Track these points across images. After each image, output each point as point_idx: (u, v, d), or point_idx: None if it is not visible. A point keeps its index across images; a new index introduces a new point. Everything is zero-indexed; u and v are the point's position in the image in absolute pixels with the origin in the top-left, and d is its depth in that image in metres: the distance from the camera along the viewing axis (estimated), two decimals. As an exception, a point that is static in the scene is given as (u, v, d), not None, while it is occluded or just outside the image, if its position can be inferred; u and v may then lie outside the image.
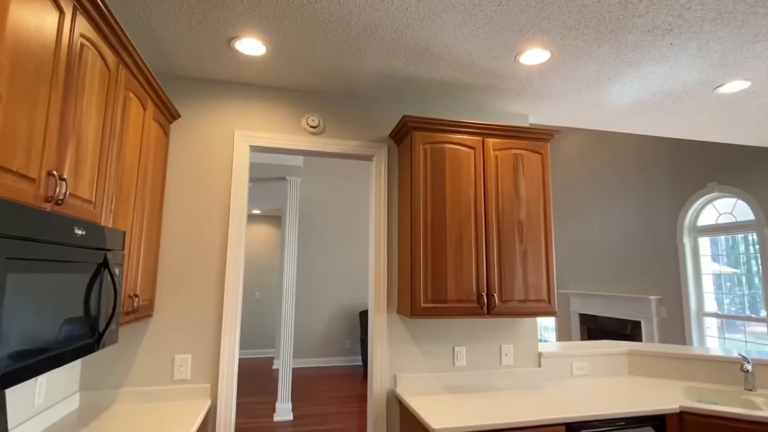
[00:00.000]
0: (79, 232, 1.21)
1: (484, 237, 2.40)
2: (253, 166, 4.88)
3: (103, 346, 1.40)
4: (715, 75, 2.35)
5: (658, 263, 5.11)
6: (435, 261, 2.30)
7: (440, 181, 2.38)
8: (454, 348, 2.60)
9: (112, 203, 1.62)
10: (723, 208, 4.57)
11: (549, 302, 2.45)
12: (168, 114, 2.27)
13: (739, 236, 4.41)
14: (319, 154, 2.64)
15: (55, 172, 1.19)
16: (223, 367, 2.27)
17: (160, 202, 2.26)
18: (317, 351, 7.30)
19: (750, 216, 4.23)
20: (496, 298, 2.36)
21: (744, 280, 4.37)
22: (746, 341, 4.30)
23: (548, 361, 2.72)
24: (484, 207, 2.43)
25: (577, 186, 6.62)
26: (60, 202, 1.21)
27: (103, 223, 1.51)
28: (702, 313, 4.67)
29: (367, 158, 2.70)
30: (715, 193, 4.50)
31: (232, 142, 2.46)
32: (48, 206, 1.16)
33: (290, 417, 4.57)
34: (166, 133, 2.31)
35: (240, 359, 7.65)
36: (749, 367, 2.42)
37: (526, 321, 2.73)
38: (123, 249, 1.56)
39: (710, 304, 4.66)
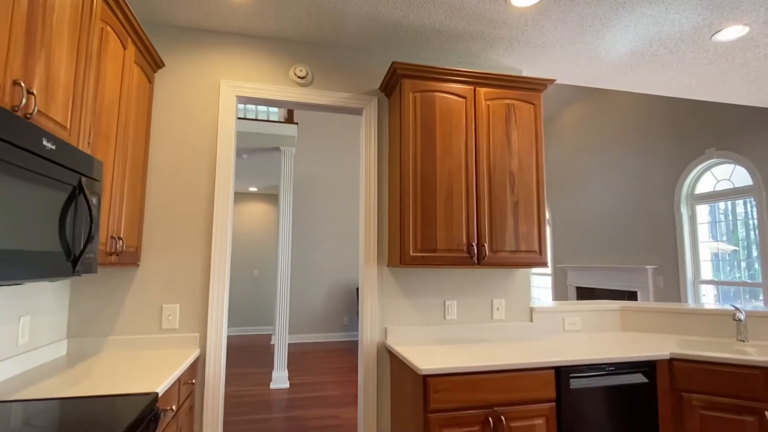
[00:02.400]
0: (48, 145, 1.18)
1: (474, 187, 2.37)
2: (246, 136, 4.83)
3: (81, 272, 1.38)
4: (712, 18, 2.28)
5: (656, 233, 5.08)
6: (425, 210, 2.27)
7: (430, 131, 2.34)
8: (445, 302, 2.59)
9: (89, 136, 1.59)
10: (721, 174, 4.52)
11: (540, 253, 2.43)
12: (151, 60, 2.22)
13: (738, 202, 4.37)
14: (308, 107, 2.60)
15: (21, 83, 1.15)
16: (211, 317, 2.26)
17: (145, 150, 2.22)
18: (315, 327, 7.34)
19: (748, 181, 4.18)
20: (486, 248, 2.34)
21: (741, 246, 4.34)
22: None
23: (540, 316, 2.71)
24: (475, 157, 2.39)
25: (577, 158, 6.56)
26: (28, 116, 1.18)
27: (79, 152, 1.48)
28: (698, 281, 4.66)
29: (357, 111, 2.66)
30: (714, 159, 4.45)
31: (218, 93, 2.41)
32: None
33: (286, 385, 4.60)
34: (150, 80, 2.26)
35: (239, 336, 7.69)
36: (741, 316, 2.40)
37: (518, 276, 2.71)
38: (101, 180, 1.53)
39: (706, 272, 4.65)
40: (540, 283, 7.57)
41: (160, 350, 2.16)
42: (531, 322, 2.69)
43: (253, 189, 7.88)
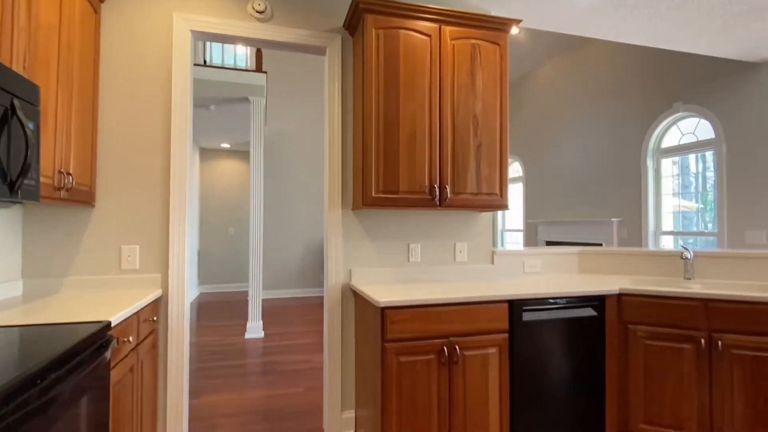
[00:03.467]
0: (-32, 56, 1.11)
1: (438, 129, 2.36)
2: (212, 85, 4.65)
3: (21, 199, 1.34)
4: (678, -44, 2.25)
5: (623, 187, 5.21)
6: (387, 151, 2.26)
7: (394, 70, 2.29)
8: (408, 245, 2.63)
9: (24, 60, 1.50)
10: (686, 128, 4.61)
11: (501, 196, 2.47)
12: (95, -13, 2.08)
13: (698, 155, 4.50)
14: (267, 44, 2.50)
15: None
16: (173, 258, 2.25)
17: (94, 85, 2.12)
18: (293, 282, 7.42)
19: (711, 134, 4.28)
20: (448, 190, 2.36)
21: (700, 199, 4.50)
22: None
23: (501, 259, 2.80)
24: (439, 99, 2.36)
25: (551, 115, 6.58)
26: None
27: (11, 74, 1.40)
28: (659, 233, 4.85)
29: (320, 51, 2.58)
30: (680, 113, 4.53)
31: (171, 26, 2.29)
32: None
33: (261, 335, 4.69)
34: (96, 10, 2.13)
35: (216, 293, 7.73)
36: (689, 255, 2.53)
37: (481, 219, 2.76)
38: (38, 105, 1.46)
39: (668, 224, 4.83)
40: (512, 239, 7.76)
41: (120, 290, 2.15)
42: (492, 264, 2.77)
43: (225, 145, 7.69)
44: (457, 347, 2.02)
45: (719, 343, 2.09)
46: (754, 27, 3.15)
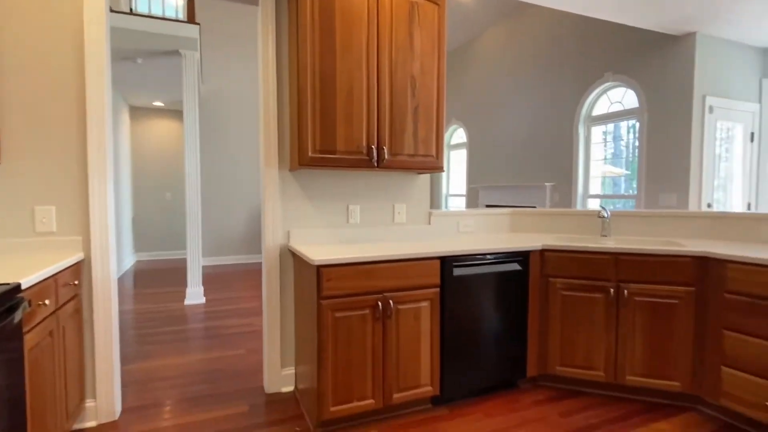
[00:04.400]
0: None
1: (376, 88, 2.34)
2: (139, 36, 4.27)
3: None
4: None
5: (557, 153, 5.49)
6: (324, 109, 2.22)
7: (330, 26, 2.22)
8: (348, 206, 2.65)
9: None
10: (615, 97, 4.89)
11: (437, 158, 2.52)
12: None
13: (624, 124, 4.81)
14: (195, -9, 2.32)
15: None
16: (94, 219, 2.12)
17: (-11, 26, 1.88)
18: (236, 248, 7.26)
19: (636, 104, 4.58)
20: (386, 151, 2.38)
21: (624, 164, 4.86)
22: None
23: (437, 219, 2.89)
24: (377, 57, 2.33)
25: (493, 82, 6.70)
26: None
27: None
28: (587, 196, 5.20)
29: (252, 0, 2.43)
30: (610, 83, 4.79)
31: (81, -37, 2.06)
32: None
33: (202, 300, 4.60)
34: (-15, -63, 1.86)
35: (154, 260, 7.40)
36: (606, 214, 2.75)
37: (418, 181, 2.83)
38: None
39: (596, 188, 5.19)
40: (455, 204, 8.01)
41: (36, 254, 2.01)
42: (429, 225, 2.86)
43: (158, 104, 7.17)
44: (391, 302, 2.10)
45: (625, 291, 2.32)
46: (678, 0, 3.35)
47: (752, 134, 4.46)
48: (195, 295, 4.56)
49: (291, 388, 2.55)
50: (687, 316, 2.24)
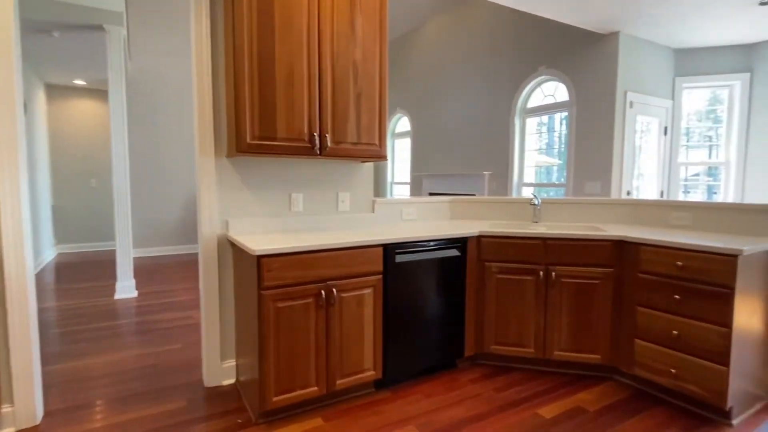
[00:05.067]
0: None
1: (317, 75, 2.30)
2: (55, 6, 3.87)
3: None
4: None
5: (495, 142, 5.72)
6: (263, 94, 2.16)
7: (268, 7, 2.14)
8: (290, 194, 2.60)
9: None
10: (548, 90, 5.17)
11: (380, 146, 2.54)
12: None
13: (556, 116, 5.11)
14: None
15: None
16: (5, 209, 1.92)
17: None
18: (172, 239, 6.89)
19: (566, 97, 4.87)
20: (328, 138, 2.36)
21: (557, 154, 5.17)
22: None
23: (381, 207, 2.93)
24: (318, 43, 2.29)
25: (436, 71, 6.82)
26: None
27: None
28: (522, 184, 5.48)
29: (184, -24, 2.28)
30: (543, 77, 5.04)
31: None
32: None
33: (134, 294, 4.34)
34: None
35: (78, 252, 6.86)
36: (537, 202, 2.93)
37: (362, 170, 2.84)
38: None
39: (530, 177, 5.47)
40: (400, 191, 8.12)
41: (-67, 249, 1.80)
42: (373, 213, 2.89)
43: (80, 82, 6.56)
44: (334, 290, 2.11)
45: (553, 273, 2.50)
46: (604, 1, 3.57)
47: (665, 128, 4.91)
48: (126, 288, 4.30)
49: (232, 381, 2.50)
50: (606, 294, 2.45)
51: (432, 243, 2.45)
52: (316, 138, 2.32)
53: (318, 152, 2.34)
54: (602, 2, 3.60)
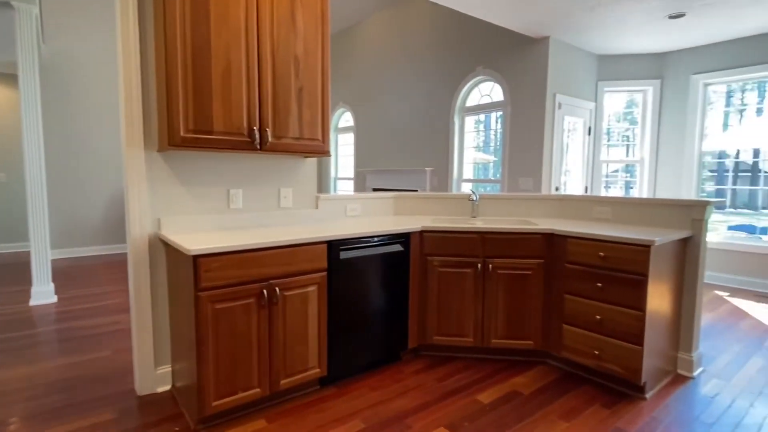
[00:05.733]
0: None
1: (257, 67, 2.23)
2: (-52, -24, 3.41)
3: None
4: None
5: (436, 139, 5.87)
6: (198, 85, 2.05)
7: (203, -6, 2.03)
8: (229, 190, 2.51)
9: None
10: (485, 90, 5.38)
11: (323, 141, 2.52)
12: None
13: (492, 115, 5.34)
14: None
15: None
16: None
17: None
18: (96, 238, 6.37)
19: (502, 97, 5.10)
20: (269, 133, 2.30)
21: (493, 152, 5.40)
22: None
23: (325, 204, 2.91)
24: (257, 34, 2.22)
25: (379, 68, 6.85)
26: None
27: None
28: (461, 180, 5.68)
29: (106, -46, 2.11)
30: (481, 77, 5.24)
31: None
32: None
33: (53, 300, 3.97)
34: None
35: (-17, 255, 6.13)
36: (475, 197, 3.05)
37: (305, 165, 2.79)
38: None
39: (468, 173, 5.68)
40: (344, 187, 8.09)
41: None
42: (316, 209, 2.86)
43: (-19, 64, 5.84)
44: (277, 289, 2.07)
45: (490, 266, 2.62)
46: (540, 5, 3.78)
47: (589, 128, 5.31)
48: (43, 294, 3.92)
49: (168, 387, 2.37)
50: (538, 284, 2.62)
51: (376, 239, 2.47)
52: (256, 132, 2.25)
53: (258, 147, 2.27)
54: (533, 8, 3.81)
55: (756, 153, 5.41)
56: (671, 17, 3.99)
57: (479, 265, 2.63)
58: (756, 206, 5.59)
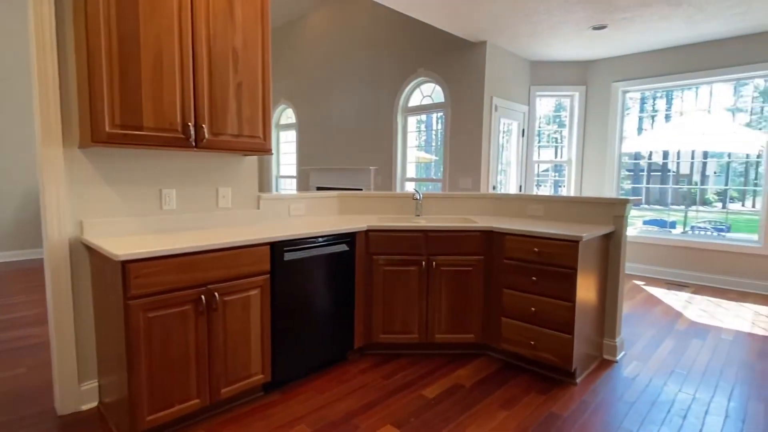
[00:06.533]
0: None
1: (191, 59, 2.10)
2: None
3: None
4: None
5: (379, 138, 5.90)
6: (125, 78, 1.90)
7: (129, -22, 1.88)
8: (161, 190, 2.35)
9: None
10: (426, 91, 5.49)
11: (264, 139, 2.44)
12: None
13: (433, 115, 5.46)
14: None
15: None
16: None
17: None
18: (7, 243, 5.71)
19: (442, 98, 5.23)
20: (205, 129, 2.18)
21: (434, 151, 5.53)
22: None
23: (267, 203, 2.82)
24: (191, 24, 2.09)
25: (323, 65, 6.76)
26: None
27: None
28: (405, 179, 5.76)
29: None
30: (422, 78, 5.34)
31: None
32: None
33: (-49, 314, 3.50)
34: None
35: None
36: (419, 196, 3.10)
37: (245, 164, 2.69)
38: None
39: (411, 172, 5.77)
40: (286, 186, 7.90)
41: None
42: (258, 209, 2.77)
43: None
44: (216, 294, 1.97)
45: (434, 263, 2.68)
46: (476, 10, 3.91)
47: (523, 130, 5.60)
48: (-62, 307, 3.44)
49: (94, 404, 2.18)
50: (478, 279, 2.72)
51: (321, 239, 2.44)
52: (191, 128, 2.12)
53: (194, 144, 2.15)
54: (470, 12, 3.94)
55: (665, 155, 6.01)
56: (595, 28, 4.31)
57: (423, 263, 2.68)
58: (666, 202, 6.20)
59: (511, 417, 2.12)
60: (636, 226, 5.71)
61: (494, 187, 5.13)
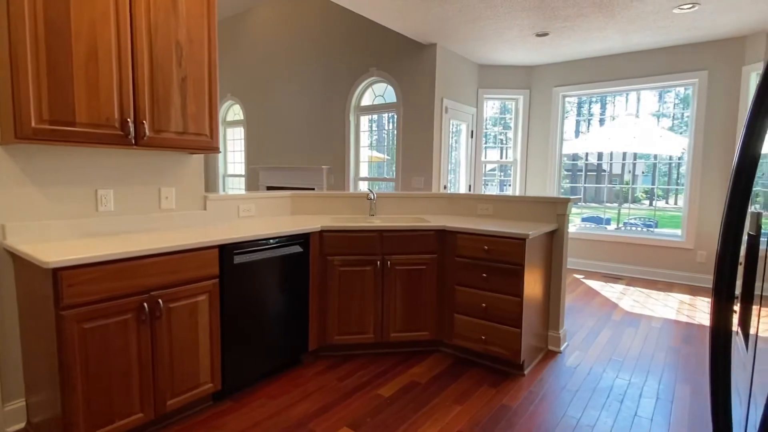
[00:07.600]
0: None
1: (130, 51, 1.97)
2: None
3: None
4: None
5: (332, 137, 5.84)
6: (54, 69, 1.74)
7: (57, -40, 1.73)
8: (97, 191, 2.18)
9: None
10: (378, 91, 5.51)
11: (211, 137, 2.33)
12: None
13: (385, 115, 5.49)
14: None
15: None
16: None
17: None
18: None
19: (394, 99, 5.27)
20: (146, 126, 2.05)
21: (386, 151, 5.56)
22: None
23: (214, 204, 2.70)
24: (129, 12, 1.96)
25: (272, 61, 6.58)
26: None
27: None
28: (358, 178, 5.75)
29: None
30: (374, 78, 5.35)
31: None
32: None
33: None
34: None
35: None
36: (372, 196, 3.11)
37: (190, 162, 2.56)
38: None
39: (364, 171, 5.77)
40: (234, 185, 7.63)
41: None
42: (205, 210, 2.65)
43: None
44: (160, 301, 1.86)
45: (388, 262, 2.70)
46: (425, 12, 3.96)
47: (472, 132, 5.77)
48: None
49: (22, 425, 1.99)
50: (432, 278, 2.77)
51: (273, 240, 2.37)
52: (131, 125, 1.99)
53: (133, 142, 2.01)
54: (419, 14, 3.99)
55: (599, 156, 6.43)
56: (538, 35, 4.52)
57: (378, 263, 2.69)
58: (601, 200, 6.63)
59: (465, 411, 2.18)
60: (575, 223, 6.07)
61: (445, 187, 5.24)
